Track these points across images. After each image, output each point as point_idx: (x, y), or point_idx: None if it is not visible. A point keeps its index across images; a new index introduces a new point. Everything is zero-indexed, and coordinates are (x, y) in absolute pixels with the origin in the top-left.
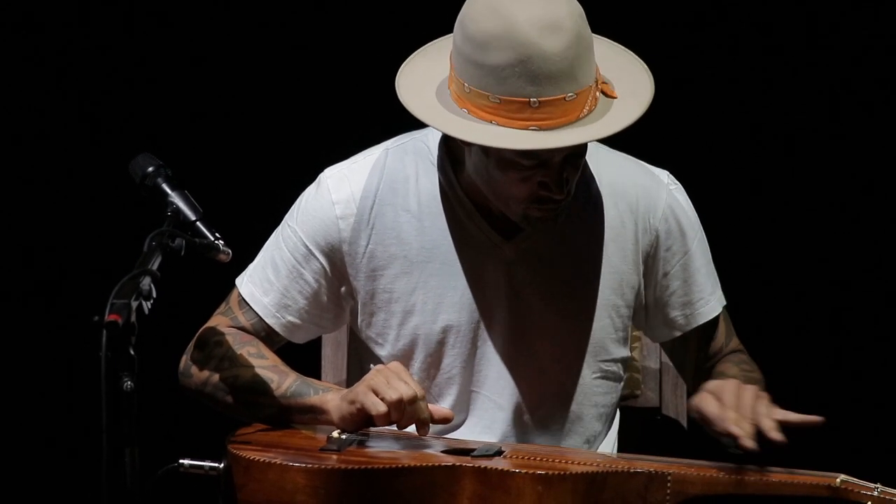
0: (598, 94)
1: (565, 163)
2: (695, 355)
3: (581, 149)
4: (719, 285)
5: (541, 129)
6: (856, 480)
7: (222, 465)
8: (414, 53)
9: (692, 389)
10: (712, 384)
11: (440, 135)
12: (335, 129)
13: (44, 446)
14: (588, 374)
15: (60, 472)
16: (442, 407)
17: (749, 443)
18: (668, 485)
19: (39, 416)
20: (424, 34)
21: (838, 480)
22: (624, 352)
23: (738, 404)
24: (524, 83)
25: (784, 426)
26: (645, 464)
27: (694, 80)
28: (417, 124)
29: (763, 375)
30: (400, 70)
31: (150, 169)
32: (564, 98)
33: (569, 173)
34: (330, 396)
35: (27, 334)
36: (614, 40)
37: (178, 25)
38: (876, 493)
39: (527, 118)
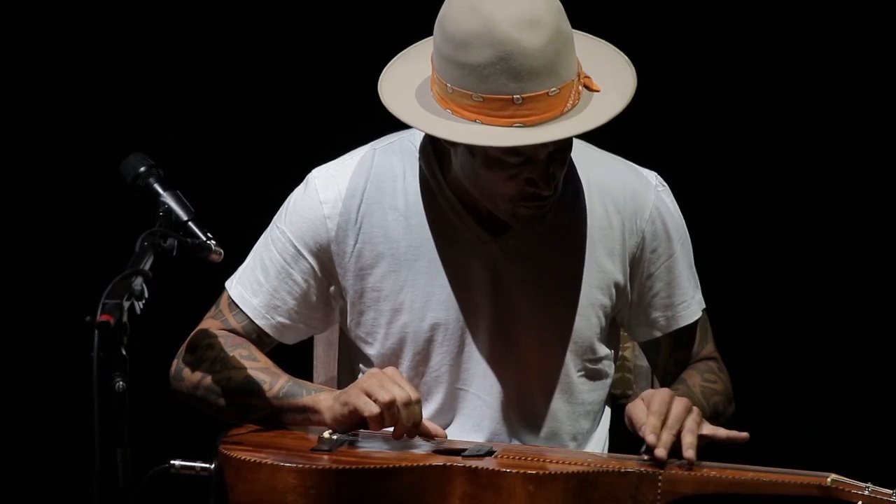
0: (580, 88)
1: (551, 158)
2: (665, 357)
3: (566, 144)
4: (700, 289)
5: (525, 125)
6: (847, 480)
7: (213, 466)
8: (395, 58)
9: None
10: (647, 392)
11: (428, 136)
12: (326, 129)
13: (35, 446)
14: (573, 373)
15: (52, 472)
16: (435, 425)
17: (660, 452)
18: (659, 484)
19: (31, 416)
20: (410, 35)
21: (829, 480)
22: (605, 350)
23: (664, 412)
24: (506, 80)
25: (712, 441)
26: (636, 463)
27: (679, 82)
28: (403, 124)
29: (730, 387)
30: (382, 75)
31: (142, 169)
32: (547, 93)
33: (555, 169)
34: (322, 397)
35: (19, 334)
36: (598, 37)
37: (169, 27)
38: (867, 493)
39: (510, 115)
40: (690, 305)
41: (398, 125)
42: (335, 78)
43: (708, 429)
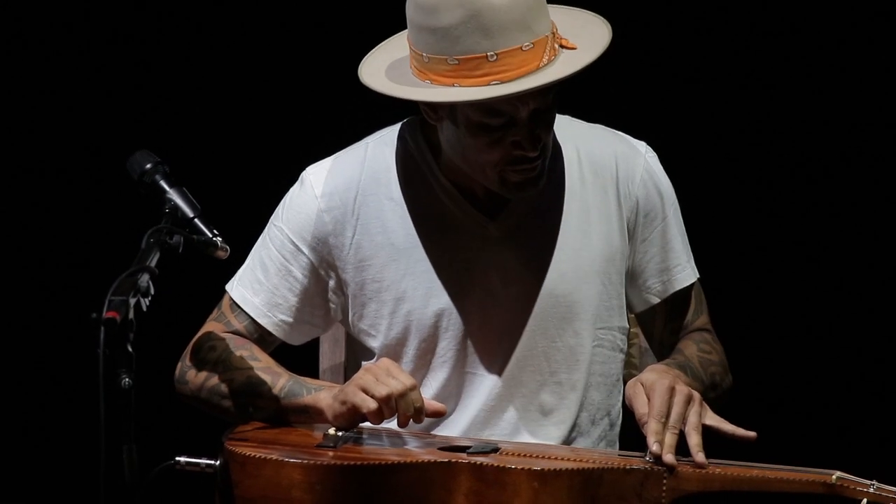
0: (556, 46)
1: (535, 119)
2: (661, 326)
3: (549, 104)
4: (692, 258)
5: (502, 82)
6: (851, 477)
7: (218, 463)
8: (375, 48)
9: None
10: (649, 377)
11: (418, 124)
12: (331, 129)
13: (42, 443)
14: (588, 343)
15: (58, 468)
16: (434, 402)
17: (669, 458)
18: (664, 481)
19: (37, 412)
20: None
21: (834, 477)
22: (621, 321)
23: (665, 411)
24: (479, 38)
25: (715, 432)
26: (641, 461)
27: (674, 62)
28: (395, 120)
29: (725, 358)
30: (362, 62)
31: (148, 166)
32: (521, 48)
33: (540, 131)
34: (322, 395)
35: (25, 331)
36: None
37: (175, 25)
38: (872, 490)
39: (486, 73)
40: (685, 269)
41: (392, 122)
42: (338, 78)
43: (712, 419)
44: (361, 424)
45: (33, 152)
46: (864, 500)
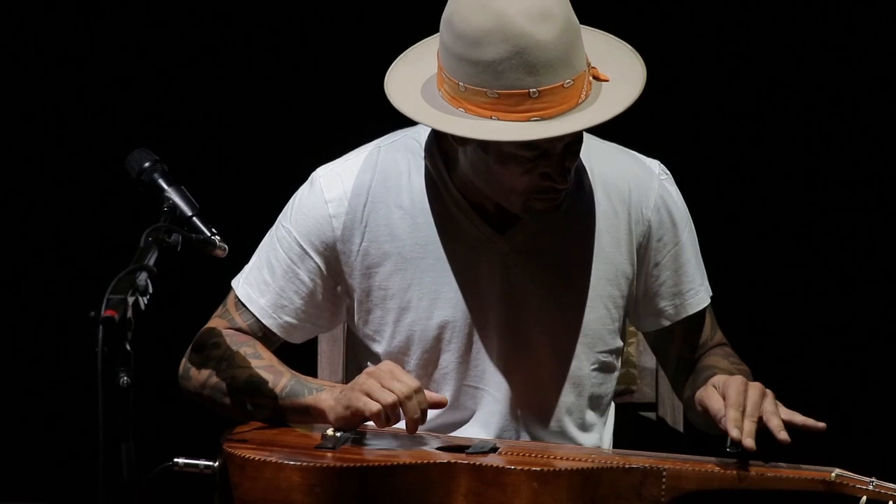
0: (590, 78)
1: (566, 151)
2: (679, 346)
3: (580, 135)
4: (706, 277)
5: (542, 118)
6: (850, 474)
7: (217, 464)
8: (395, 61)
9: (674, 381)
10: (718, 379)
11: (431, 130)
12: (331, 127)
13: (40, 441)
14: (586, 366)
15: (57, 466)
16: (434, 393)
17: (749, 442)
18: (664, 480)
19: (36, 411)
20: (412, 34)
21: (833, 475)
22: (618, 342)
23: (742, 402)
24: (522, 74)
25: (788, 426)
26: (640, 459)
27: (685, 73)
28: (407, 122)
29: (749, 368)
30: (386, 79)
31: (147, 164)
32: (563, 85)
33: (569, 161)
34: (324, 396)
35: (24, 330)
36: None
37: (176, 24)
38: (871, 487)
39: (527, 109)
40: (699, 293)
41: (401, 123)
42: (340, 76)
43: (785, 413)
44: None
45: (33, 151)
46: (864, 498)
